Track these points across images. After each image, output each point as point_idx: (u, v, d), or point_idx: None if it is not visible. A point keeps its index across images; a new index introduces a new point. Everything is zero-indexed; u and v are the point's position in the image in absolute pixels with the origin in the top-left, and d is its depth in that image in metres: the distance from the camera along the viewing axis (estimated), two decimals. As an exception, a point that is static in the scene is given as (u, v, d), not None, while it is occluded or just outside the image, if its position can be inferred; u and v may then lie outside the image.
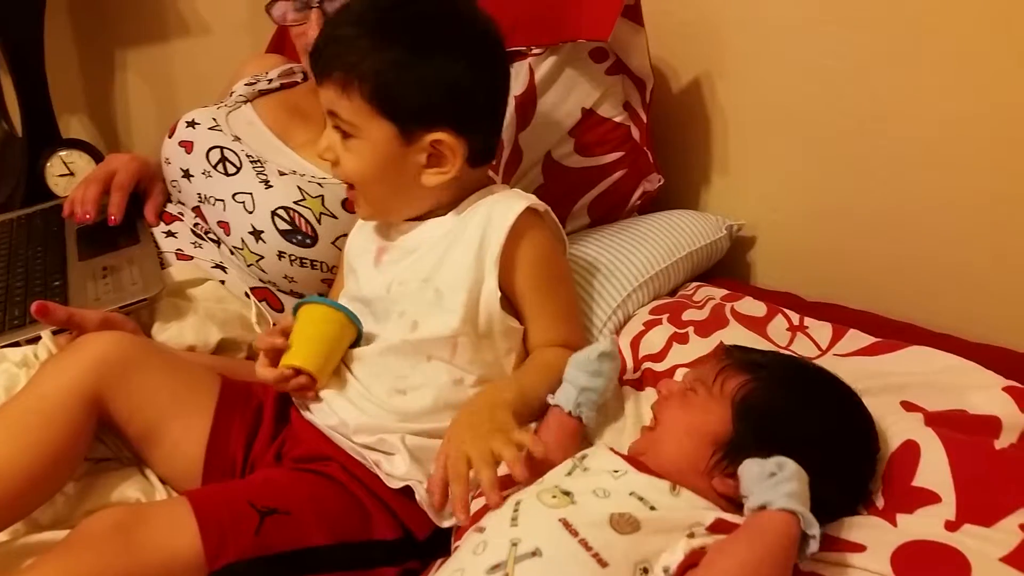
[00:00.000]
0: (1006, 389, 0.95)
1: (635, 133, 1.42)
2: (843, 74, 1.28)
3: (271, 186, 1.29)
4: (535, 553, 0.79)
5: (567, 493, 0.85)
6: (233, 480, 1.03)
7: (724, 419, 0.88)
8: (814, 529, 0.77)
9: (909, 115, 1.21)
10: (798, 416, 0.88)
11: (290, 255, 1.28)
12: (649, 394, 1.09)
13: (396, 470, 1.03)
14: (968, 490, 0.85)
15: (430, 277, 1.08)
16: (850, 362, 1.06)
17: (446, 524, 1.04)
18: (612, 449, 0.93)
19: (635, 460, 0.89)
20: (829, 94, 1.30)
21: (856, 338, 1.10)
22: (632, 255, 1.32)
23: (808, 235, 1.40)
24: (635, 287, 1.29)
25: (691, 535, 0.80)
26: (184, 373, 1.08)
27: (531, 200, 1.09)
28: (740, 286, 1.35)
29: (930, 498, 0.86)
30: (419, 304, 1.08)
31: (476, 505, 1.05)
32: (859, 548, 0.82)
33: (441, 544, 1.04)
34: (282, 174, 1.31)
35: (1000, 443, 0.89)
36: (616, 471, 0.88)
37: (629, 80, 1.40)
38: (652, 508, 0.82)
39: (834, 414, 0.90)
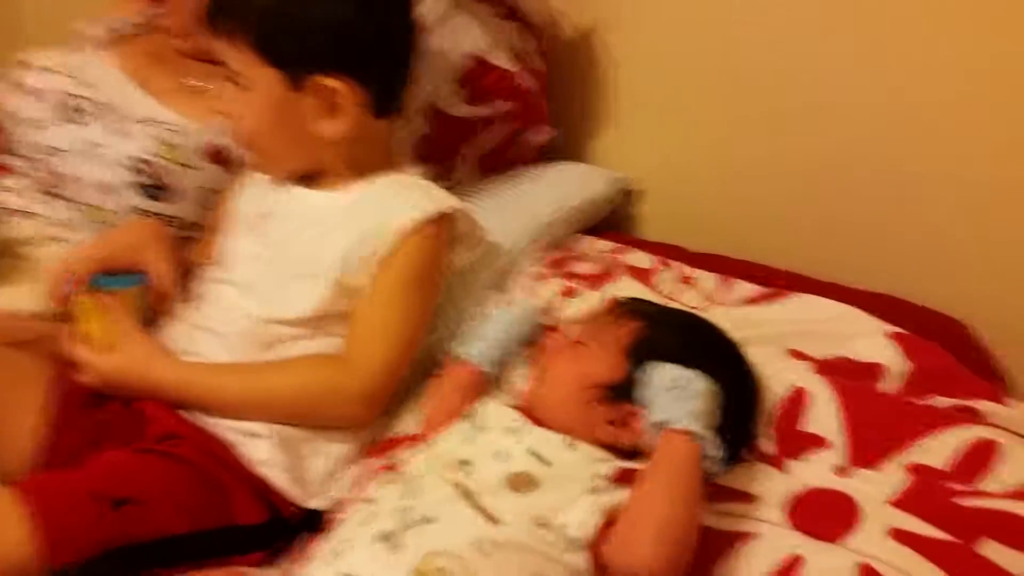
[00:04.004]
0: (890, 335, 0.95)
1: (526, 82, 1.36)
2: (739, 28, 1.26)
3: (127, 135, 1.18)
4: (425, 520, 0.75)
5: (465, 463, 0.81)
6: (72, 468, 0.92)
7: (615, 365, 0.85)
8: (714, 451, 0.76)
9: (801, 69, 1.20)
10: (691, 360, 0.85)
11: (147, 212, 1.17)
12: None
13: (257, 454, 0.97)
14: (857, 433, 0.85)
15: (303, 258, 1.03)
16: (737, 312, 1.05)
17: (314, 504, 0.99)
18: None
19: (530, 414, 0.86)
20: (724, 47, 1.28)
21: (741, 288, 1.09)
22: (520, 207, 1.28)
23: (696, 189, 1.39)
24: (522, 239, 1.25)
25: (593, 489, 0.77)
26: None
27: (442, 203, 1.02)
28: (627, 239, 1.33)
29: (818, 442, 0.86)
30: (291, 282, 1.02)
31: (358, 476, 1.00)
32: (750, 498, 0.81)
33: (311, 522, 0.98)
34: (139, 123, 1.20)
35: (886, 388, 0.90)
36: (512, 427, 0.84)
37: (522, 27, 1.34)
38: (549, 464, 0.80)
39: (724, 361, 0.88)
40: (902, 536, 0.74)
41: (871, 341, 0.95)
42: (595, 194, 1.35)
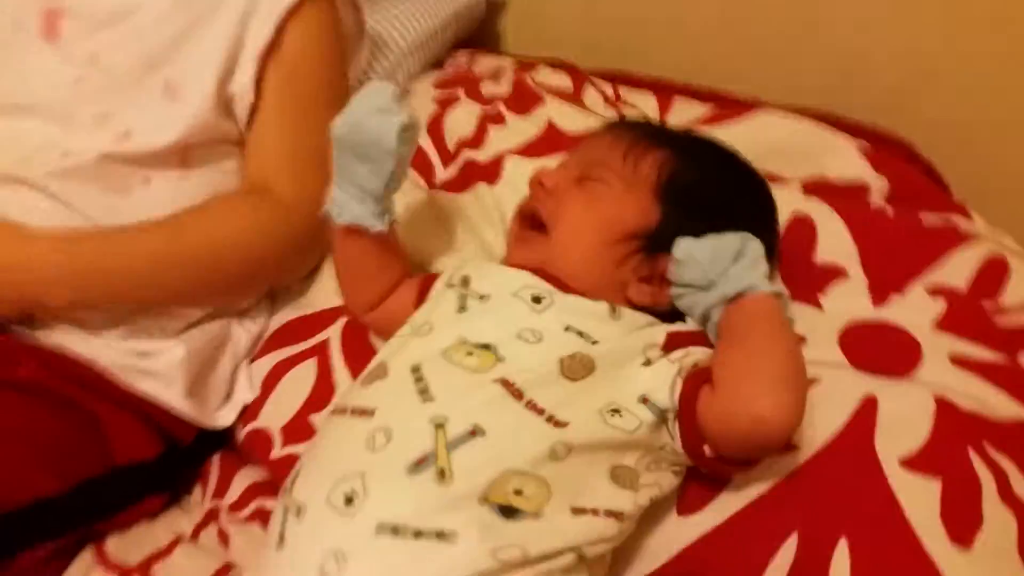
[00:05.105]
0: (860, 151, 0.90)
1: None
2: None
3: None
4: (475, 432, 0.57)
5: (486, 347, 0.62)
6: None
7: (644, 207, 0.71)
8: (791, 312, 0.67)
9: None
10: (726, 191, 0.74)
11: None
12: (481, 192, 0.87)
13: (150, 367, 0.73)
14: (873, 259, 0.79)
15: (158, 63, 0.76)
16: (684, 129, 0.93)
17: (222, 424, 0.77)
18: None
19: (549, 275, 0.68)
20: None
21: (688, 106, 0.98)
22: (391, 15, 1.04)
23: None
24: (404, 53, 1.02)
25: (648, 361, 0.64)
26: None
27: None
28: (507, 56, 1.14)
29: (837, 273, 0.79)
30: (135, 101, 0.76)
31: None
32: (801, 340, 0.73)
33: (215, 443, 0.80)
34: None
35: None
36: (533, 295, 0.66)
37: None
38: (595, 343, 0.64)
39: (752, 186, 0.77)
40: (963, 362, 0.71)
41: (844, 158, 0.89)
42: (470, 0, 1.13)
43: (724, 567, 0.60)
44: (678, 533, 0.62)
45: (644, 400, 0.61)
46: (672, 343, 0.66)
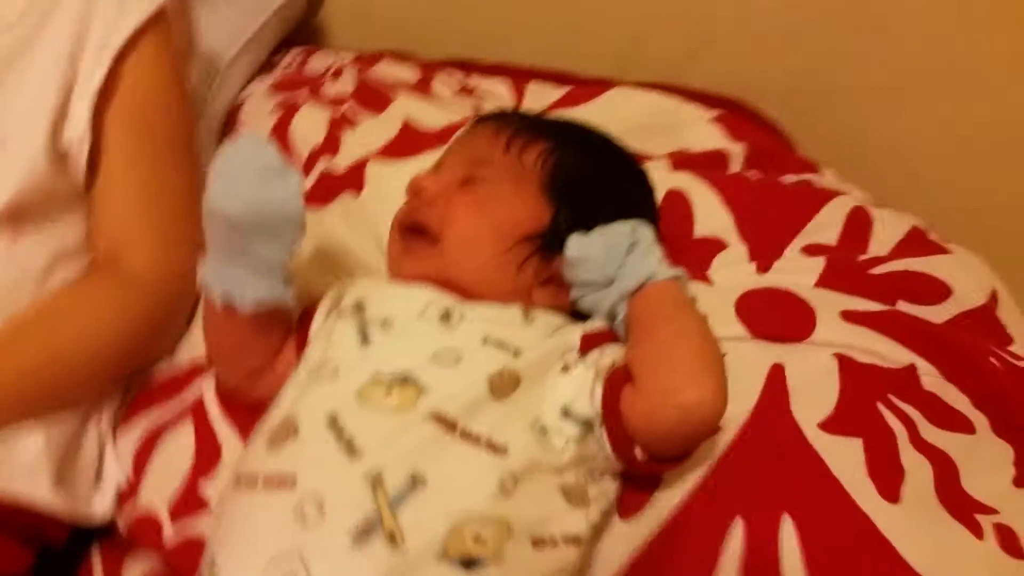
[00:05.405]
0: (712, 120, 0.91)
1: None
2: None
3: None
4: (416, 482, 0.52)
5: (406, 380, 0.57)
6: None
7: (535, 207, 0.67)
8: (692, 290, 0.66)
9: None
10: (611, 180, 0.72)
11: None
12: (347, 204, 0.80)
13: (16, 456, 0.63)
14: (747, 228, 0.80)
15: None
16: (556, 116, 0.91)
17: (99, 513, 0.69)
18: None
19: (450, 284, 0.64)
20: None
21: (543, 91, 0.95)
22: (207, 22, 0.94)
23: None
24: (230, 59, 0.94)
25: (565, 367, 0.61)
26: None
27: None
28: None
29: (718, 245, 0.80)
30: None
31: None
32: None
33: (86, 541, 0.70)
34: None
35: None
36: (445, 314, 0.61)
37: None
38: (516, 352, 0.60)
39: (633, 170, 0.76)
40: (852, 316, 0.73)
41: (698, 129, 0.91)
42: (291, -6, 1.04)
43: (678, 567, 0.59)
44: (625, 539, 0.60)
45: (566, 413, 0.59)
46: (587, 344, 0.63)
